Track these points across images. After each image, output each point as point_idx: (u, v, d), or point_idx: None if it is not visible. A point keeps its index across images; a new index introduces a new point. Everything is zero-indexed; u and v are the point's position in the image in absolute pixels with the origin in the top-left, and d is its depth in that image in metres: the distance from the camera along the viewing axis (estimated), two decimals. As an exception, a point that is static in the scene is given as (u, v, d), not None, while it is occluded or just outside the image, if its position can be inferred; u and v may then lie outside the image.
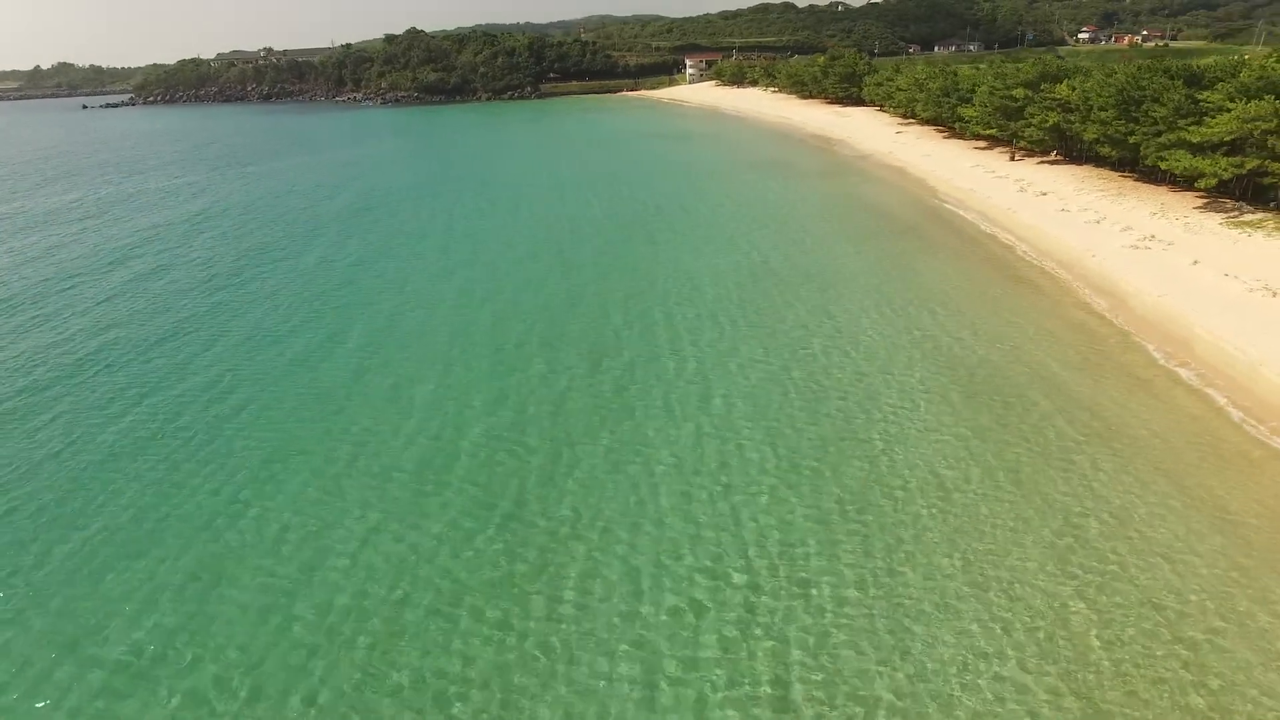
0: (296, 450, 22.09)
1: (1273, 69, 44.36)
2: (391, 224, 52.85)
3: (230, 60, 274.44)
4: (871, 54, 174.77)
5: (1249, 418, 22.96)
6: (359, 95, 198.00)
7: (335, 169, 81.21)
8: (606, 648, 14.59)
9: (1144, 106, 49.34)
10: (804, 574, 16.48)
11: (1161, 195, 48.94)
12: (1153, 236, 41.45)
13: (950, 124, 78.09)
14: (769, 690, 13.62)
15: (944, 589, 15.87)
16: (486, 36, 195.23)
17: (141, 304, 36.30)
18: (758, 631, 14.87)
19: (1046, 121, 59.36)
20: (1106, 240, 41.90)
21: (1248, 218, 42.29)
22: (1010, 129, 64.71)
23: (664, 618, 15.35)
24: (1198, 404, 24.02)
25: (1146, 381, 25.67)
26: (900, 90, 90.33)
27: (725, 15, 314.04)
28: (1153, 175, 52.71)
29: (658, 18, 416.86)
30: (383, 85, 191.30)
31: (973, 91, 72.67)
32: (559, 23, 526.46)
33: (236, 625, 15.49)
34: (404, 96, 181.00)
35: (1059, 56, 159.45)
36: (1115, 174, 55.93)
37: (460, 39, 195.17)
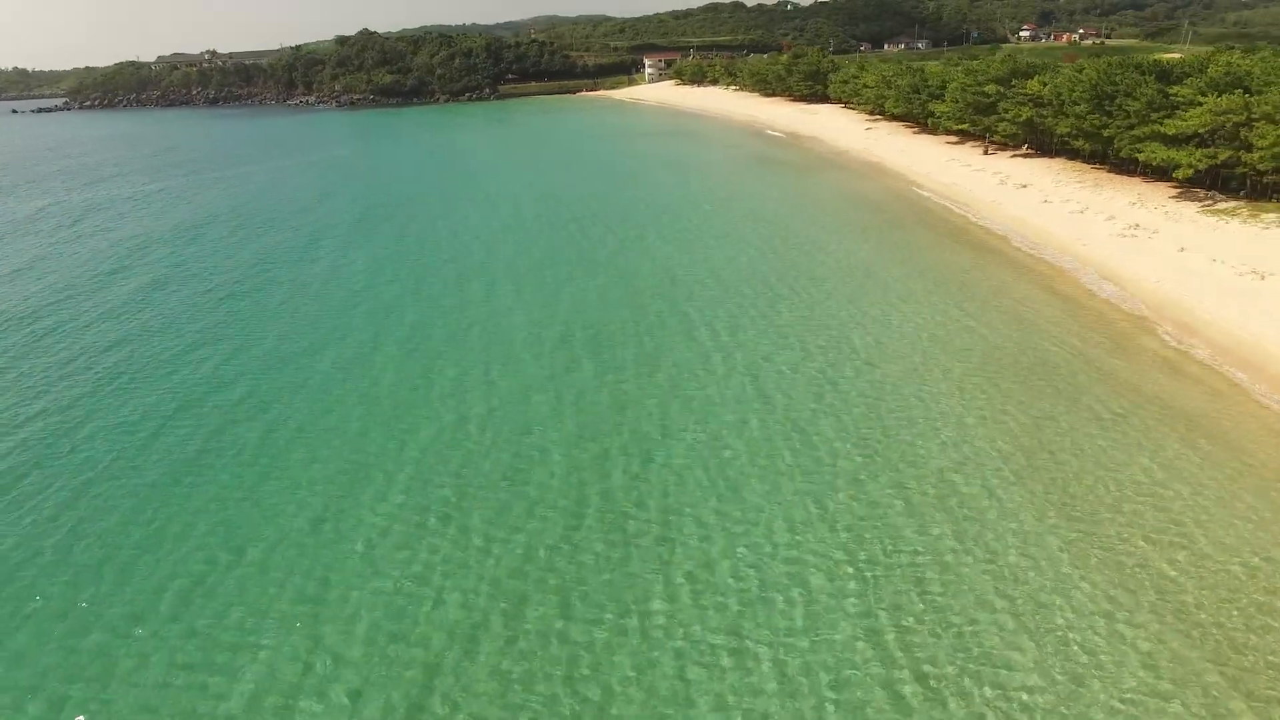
0: (364, 466, 21.96)
1: (1238, 65, 46.84)
2: (394, 228, 52.28)
3: (172, 63, 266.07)
4: (827, 52, 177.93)
5: (1273, 391, 24.43)
6: (312, 98, 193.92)
7: (314, 173, 79.88)
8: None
9: (1117, 101, 51.49)
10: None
11: (1136, 186, 51.18)
12: (1137, 225, 43.40)
13: (921, 120, 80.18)
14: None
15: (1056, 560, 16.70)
16: (442, 37, 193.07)
17: (152, 316, 35.36)
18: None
19: (1020, 116, 61.47)
20: (1094, 230, 43.74)
21: (1221, 206, 44.55)
22: (983, 124, 66.80)
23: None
24: (1219, 381, 25.44)
25: (1169, 361, 27.08)
26: (868, 87, 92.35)
27: (677, 15, 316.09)
28: (1124, 167, 55.03)
29: (605, 18, 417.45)
30: (336, 88, 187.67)
31: (943, 88, 74.75)
32: (507, 24, 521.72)
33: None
34: (360, 99, 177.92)
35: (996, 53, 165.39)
36: (1088, 166, 58.21)
37: (415, 40, 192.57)
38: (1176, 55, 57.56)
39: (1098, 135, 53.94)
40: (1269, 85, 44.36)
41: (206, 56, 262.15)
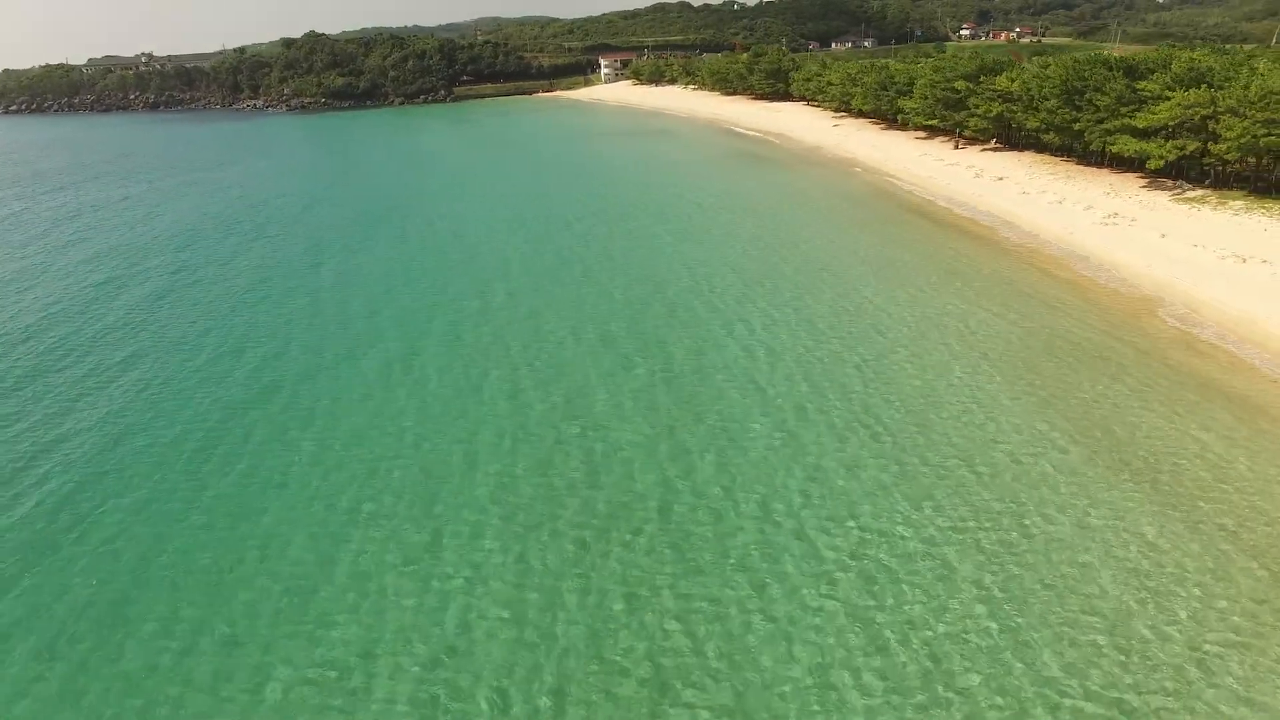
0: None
1: (1200, 62, 49.53)
2: (393, 232, 51.67)
3: (106, 66, 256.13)
4: (786, 50, 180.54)
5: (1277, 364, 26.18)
6: (259, 102, 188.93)
7: (290, 179, 77.87)
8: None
9: (1087, 96, 53.82)
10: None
11: (1106, 177, 53.61)
12: (1116, 214, 45.52)
13: (889, 116, 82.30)
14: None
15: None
16: (394, 39, 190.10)
17: (164, 327, 34.45)
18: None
19: (990, 112, 63.67)
20: (1077, 219, 45.71)
21: (1190, 194, 47.02)
22: (953, 119, 68.94)
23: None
24: (1225, 356, 27.11)
25: (1179, 338, 28.71)
26: (832, 85, 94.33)
27: (625, 15, 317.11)
28: (1093, 159, 57.57)
29: (548, 19, 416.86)
30: (285, 91, 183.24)
31: (910, 85, 76.87)
32: (449, 25, 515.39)
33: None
34: (311, 103, 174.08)
35: (943, 51, 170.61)
36: (1057, 159, 60.65)
37: (366, 42, 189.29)
38: (1145, 53, 60.10)
39: (1068, 129, 56.27)
40: (1229, 81, 47.06)
41: (143, 59, 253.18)
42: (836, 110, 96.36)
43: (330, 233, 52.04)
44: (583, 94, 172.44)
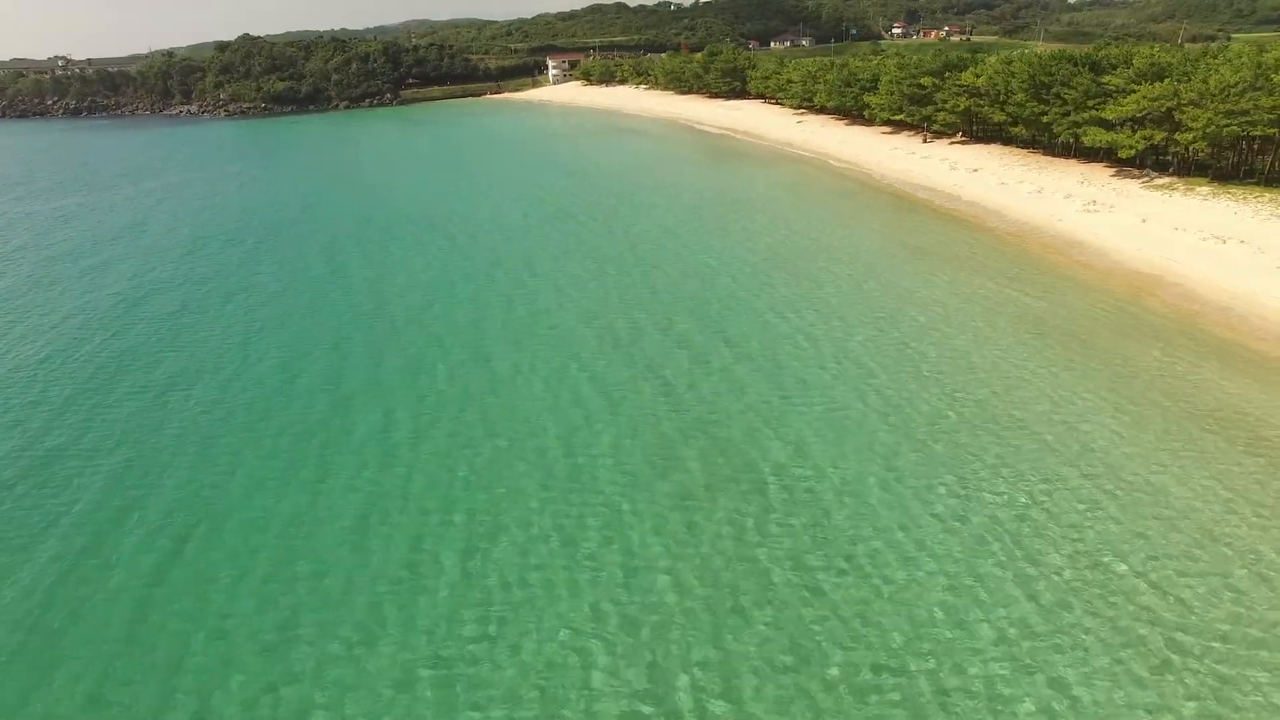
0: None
1: (1160, 57, 52.64)
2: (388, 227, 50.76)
3: (16, 70, 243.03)
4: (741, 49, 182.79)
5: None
6: (194, 108, 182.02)
7: (259, 189, 75.43)
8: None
9: (1054, 90, 56.50)
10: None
11: (1076, 167, 56.35)
12: (1094, 201, 48.05)
13: (853, 112, 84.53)
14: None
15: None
16: (336, 42, 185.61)
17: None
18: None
19: (958, 106, 66.17)
20: (1059, 207, 48.07)
21: (1159, 182, 49.92)
22: (920, 114, 71.35)
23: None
24: (1226, 324, 29.30)
25: (1183, 312, 30.75)
26: (793, 83, 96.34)
27: (563, 16, 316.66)
28: (1058, 150, 60.46)
29: (479, 20, 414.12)
30: (222, 96, 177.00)
31: (874, 81, 79.18)
32: (378, 28, 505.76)
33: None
34: (250, 108, 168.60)
35: (881, 49, 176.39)
36: (1023, 150, 63.44)
37: (306, 45, 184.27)
38: (1108, 50, 63.21)
39: (1036, 122, 58.95)
40: (1188, 75, 50.11)
41: (60, 63, 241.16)
42: (797, 107, 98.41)
43: (327, 243, 50.81)
44: (532, 95, 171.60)
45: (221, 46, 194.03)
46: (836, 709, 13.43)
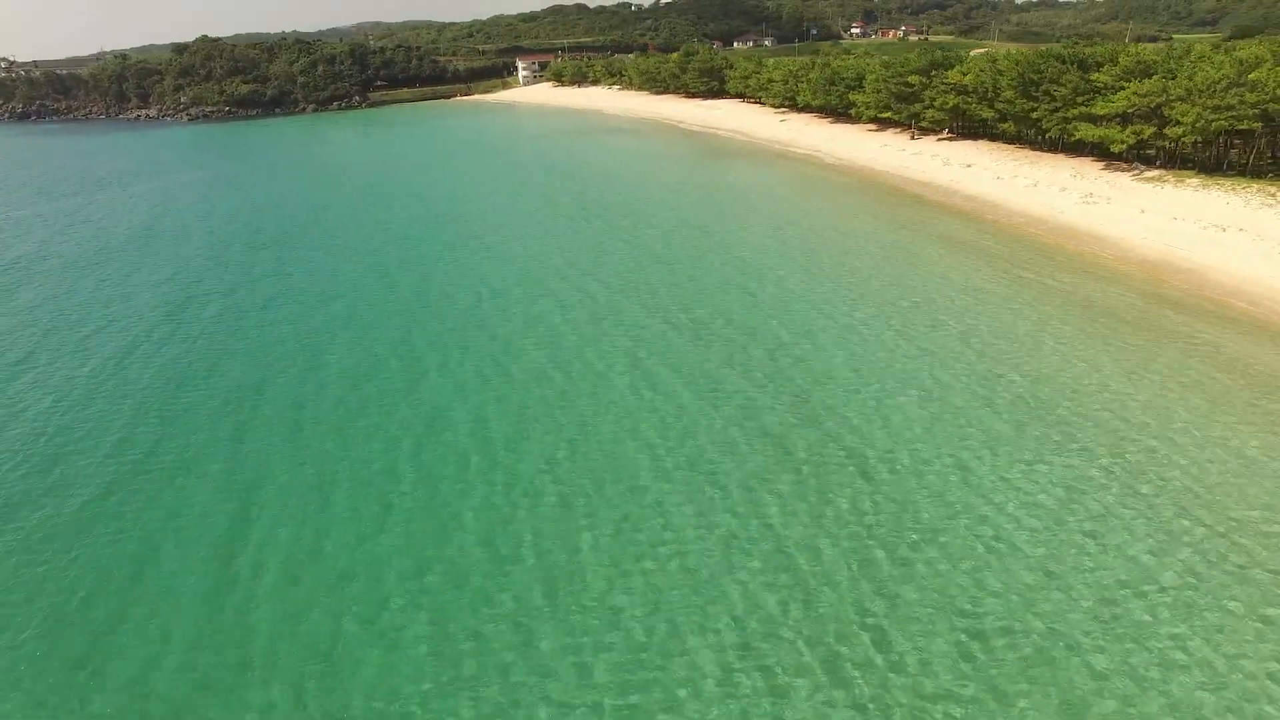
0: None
1: (1146, 55, 55.02)
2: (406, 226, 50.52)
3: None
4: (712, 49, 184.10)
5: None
6: (152, 111, 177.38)
7: (251, 190, 74.15)
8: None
9: (1043, 87, 58.60)
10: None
11: (1065, 161, 58.50)
12: (1091, 194, 50.08)
13: (837, 111, 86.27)
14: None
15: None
16: (301, 44, 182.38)
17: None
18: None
19: (947, 104, 68.13)
20: (1057, 200, 50.00)
21: (1148, 174, 52.18)
22: (907, 111, 73.24)
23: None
24: (1238, 306, 31.13)
25: (1198, 296, 32.49)
26: (774, 82, 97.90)
27: (525, 17, 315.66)
28: (1045, 145, 62.72)
29: (434, 23, 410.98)
30: (183, 99, 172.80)
31: (859, 80, 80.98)
32: (330, 30, 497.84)
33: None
34: (214, 111, 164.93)
35: (846, 49, 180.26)
36: (1011, 146, 65.58)
37: (270, 47, 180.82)
38: (1095, 48, 65.50)
39: (1026, 118, 61.06)
40: (1173, 73, 52.45)
41: (3, 65, 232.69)
42: (778, 106, 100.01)
43: (362, 246, 50.39)
44: (504, 96, 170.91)
45: (179, 49, 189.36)
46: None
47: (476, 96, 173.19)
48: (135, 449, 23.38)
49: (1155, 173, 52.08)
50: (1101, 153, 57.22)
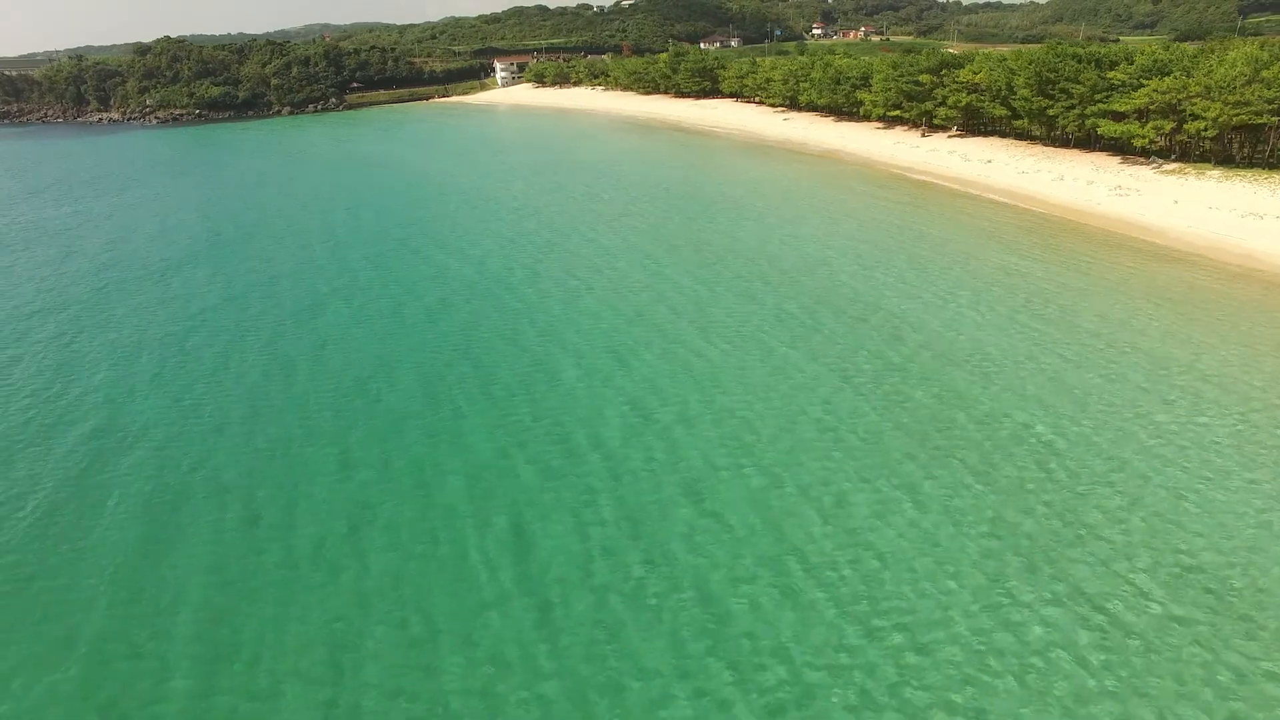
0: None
1: (1162, 55, 57.86)
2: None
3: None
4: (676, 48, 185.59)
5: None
6: (115, 115, 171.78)
7: (272, 190, 72.57)
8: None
9: (1060, 85, 61.18)
10: None
11: (1081, 156, 61.15)
12: (1119, 186, 52.59)
13: (841, 110, 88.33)
14: None
15: None
16: (273, 45, 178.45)
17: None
18: None
19: (960, 102, 70.51)
20: (1088, 192, 52.42)
21: (1168, 167, 54.95)
22: (919, 109, 75.52)
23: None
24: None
25: (1250, 276, 34.81)
26: (773, 81, 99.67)
27: (487, 19, 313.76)
28: (1057, 141, 65.39)
29: (385, 25, 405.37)
30: (149, 102, 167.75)
31: (864, 79, 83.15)
32: (279, 31, 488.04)
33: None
34: (183, 114, 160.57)
35: (808, 49, 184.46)
36: (1024, 142, 68.18)
37: (240, 49, 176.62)
38: (1108, 48, 68.30)
39: (1041, 115, 63.63)
40: (1189, 71, 55.31)
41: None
42: (776, 106, 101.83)
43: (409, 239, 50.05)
44: (485, 98, 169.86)
45: (141, 49, 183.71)
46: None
47: (456, 98, 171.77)
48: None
49: (1174, 166, 54.85)
50: (1116, 148, 60.04)
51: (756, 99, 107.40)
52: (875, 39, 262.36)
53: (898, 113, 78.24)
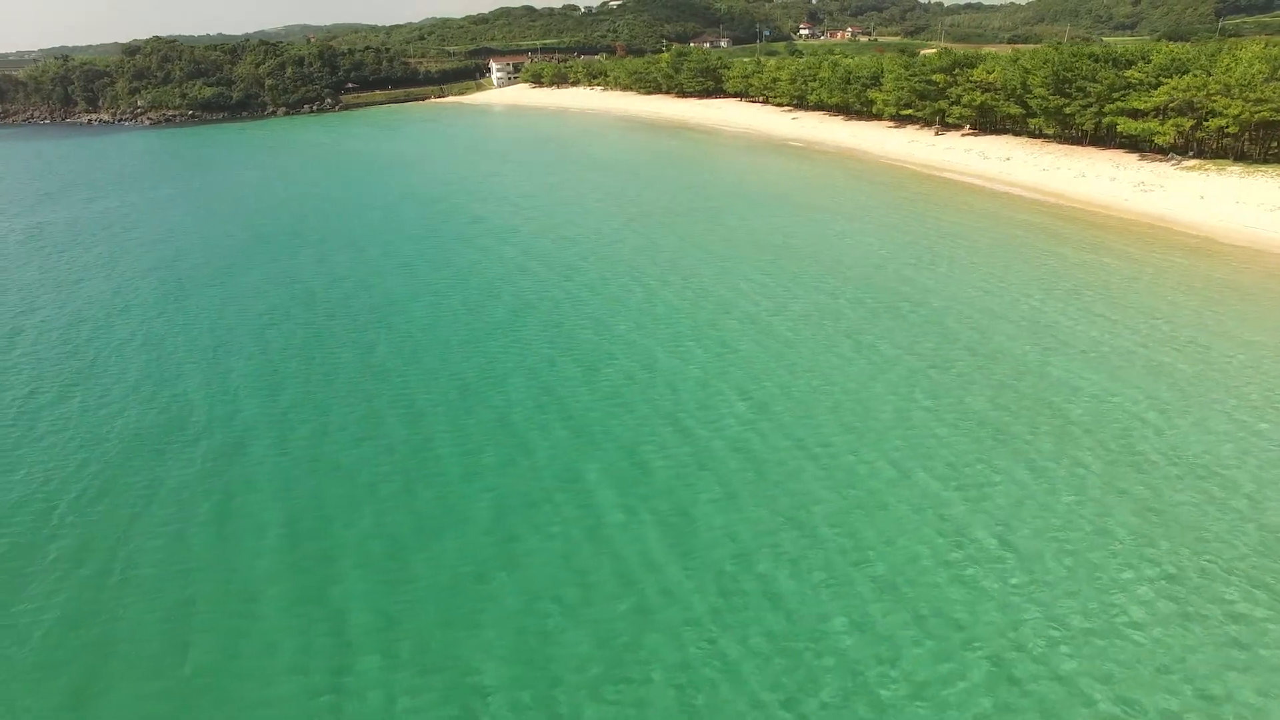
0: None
1: (1179, 54, 59.09)
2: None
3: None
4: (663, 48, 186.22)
5: None
6: (105, 116, 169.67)
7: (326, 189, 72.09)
8: None
9: (1077, 84, 62.28)
10: None
11: (1098, 153, 62.26)
12: (1142, 183, 53.70)
13: (850, 109, 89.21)
14: None
15: None
16: (266, 45, 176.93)
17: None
18: None
19: (974, 101, 71.54)
20: (1112, 188, 53.51)
21: (1187, 164, 56.13)
22: (932, 108, 76.49)
23: None
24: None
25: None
26: (780, 81, 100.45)
27: (474, 20, 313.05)
28: (1071, 139, 66.56)
29: (364, 26, 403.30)
30: (139, 103, 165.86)
31: (874, 78, 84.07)
32: (257, 33, 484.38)
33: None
34: (177, 115, 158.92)
35: (798, 49, 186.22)
36: (1038, 140, 69.29)
37: (233, 49, 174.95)
38: (1123, 47, 69.44)
39: (1058, 113, 64.72)
40: (1207, 69, 56.54)
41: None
42: (782, 105, 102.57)
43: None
44: (482, 98, 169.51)
45: (130, 50, 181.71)
46: None
47: (453, 98, 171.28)
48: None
49: (1193, 162, 56.03)
50: (1131, 145, 61.26)
51: (762, 98, 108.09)
52: (864, 39, 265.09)
53: (910, 111, 79.16)
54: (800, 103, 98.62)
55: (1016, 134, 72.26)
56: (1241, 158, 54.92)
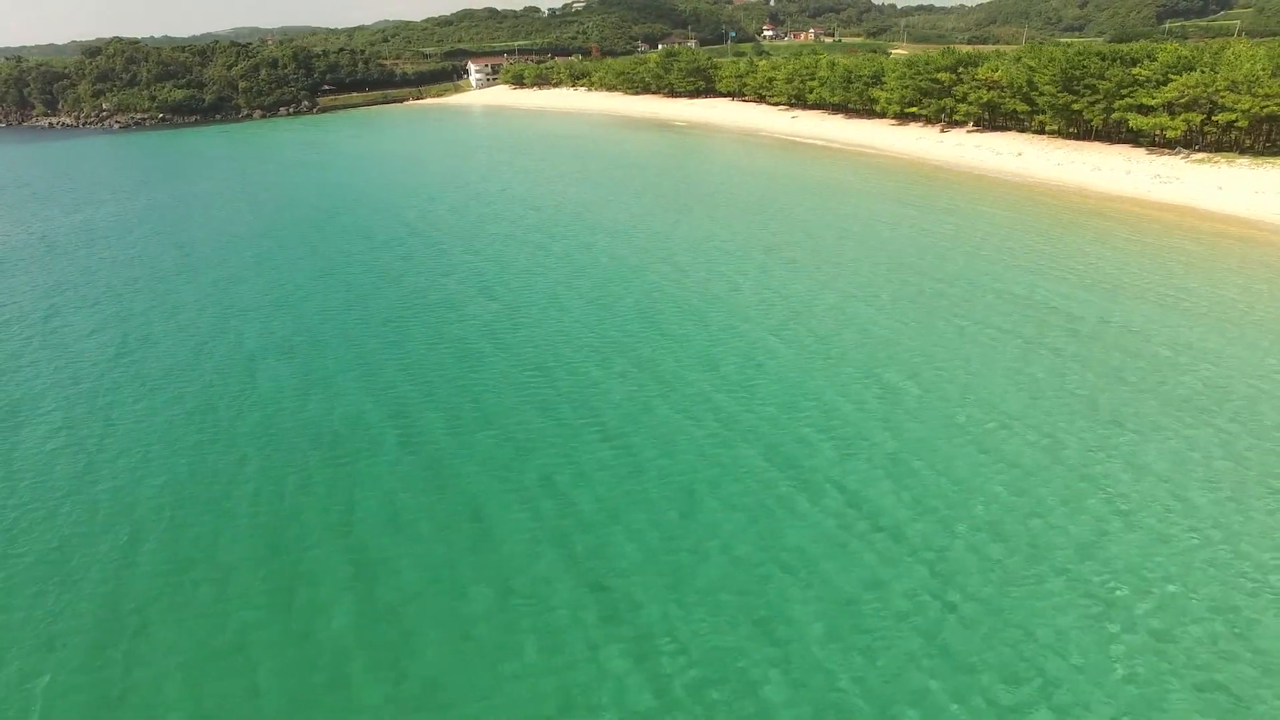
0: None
1: (1185, 52, 61.93)
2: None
3: None
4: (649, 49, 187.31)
5: None
6: (68, 119, 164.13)
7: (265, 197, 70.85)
8: None
9: (1086, 82, 64.85)
10: None
11: (1107, 148, 64.90)
12: (1158, 175, 56.24)
13: (850, 107, 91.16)
14: None
15: None
16: (237, 46, 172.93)
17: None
18: None
19: (981, 98, 73.88)
20: (1131, 181, 55.87)
21: (1196, 157, 58.95)
22: (937, 106, 78.72)
23: None
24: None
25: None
26: (776, 80, 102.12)
27: (439, 21, 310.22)
28: (1077, 135, 69.26)
29: (313, 29, 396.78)
30: (105, 106, 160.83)
31: (876, 77, 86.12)
32: (205, 34, 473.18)
33: None
34: (145, 119, 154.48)
35: (765, 50, 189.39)
36: (1044, 137, 71.92)
37: (203, 50, 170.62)
38: (1127, 46, 72.11)
39: (1066, 110, 67.28)
40: (1213, 67, 59.33)
41: None
42: (778, 104, 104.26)
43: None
44: (462, 99, 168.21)
45: (90, 51, 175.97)
46: None
47: (432, 100, 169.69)
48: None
49: (1202, 155, 58.90)
50: (1137, 139, 64.06)
51: (756, 98, 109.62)
52: (827, 40, 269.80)
53: (914, 109, 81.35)
54: (798, 102, 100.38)
55: (1020, 130, 74.86)
56: (1244, 151, 57.94)
